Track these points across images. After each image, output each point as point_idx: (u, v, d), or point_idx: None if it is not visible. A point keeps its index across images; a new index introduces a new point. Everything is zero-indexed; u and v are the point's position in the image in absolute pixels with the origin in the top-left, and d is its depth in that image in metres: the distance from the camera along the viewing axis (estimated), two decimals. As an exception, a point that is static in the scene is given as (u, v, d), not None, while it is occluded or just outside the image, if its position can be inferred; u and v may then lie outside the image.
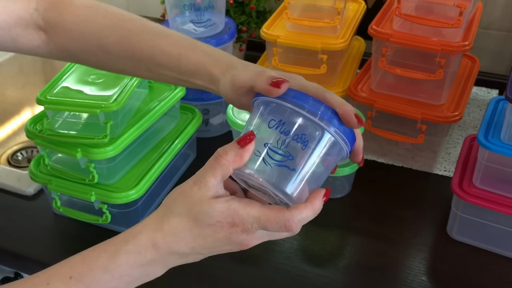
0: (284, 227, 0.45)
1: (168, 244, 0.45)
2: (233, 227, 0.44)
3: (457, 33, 0.78)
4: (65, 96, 0.68)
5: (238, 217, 0.44)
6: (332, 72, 0.89)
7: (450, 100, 0.84)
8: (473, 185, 0.71)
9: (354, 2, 1.00)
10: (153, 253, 0.45)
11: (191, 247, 0.45)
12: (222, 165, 0.44)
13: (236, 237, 0.45)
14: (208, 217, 0.44)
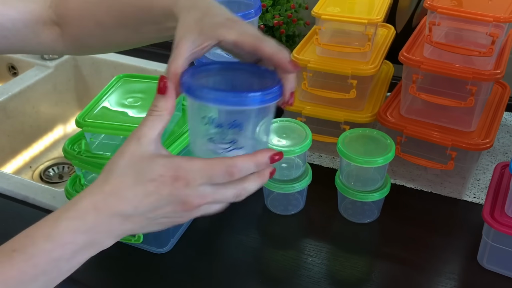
0: (227, 173, 0.45)
1: (109, 204, 0.43)
2: (177, 181, 0.43)
3: (489, 61, 0.78)
4: (103, 118, 0.70)
5: (181, 170, 0.43)
6: (361, 97, 0.90)
7: (480, 127, 0.84)
8: (505, 214, 0.70)
9: (384, 27, 1.01)
10: (94, 217, 0.43)
11: (134, 206, 0.44)
12: (157, 116, 0.46)
13: (180, 192, 0.44)
14: (150, 171, 0.43)
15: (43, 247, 0.43)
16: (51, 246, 0.43)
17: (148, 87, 0.77)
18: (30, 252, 0.43)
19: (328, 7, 0.89)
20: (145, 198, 0.44)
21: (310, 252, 0.77)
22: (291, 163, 0.82)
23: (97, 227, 0.44)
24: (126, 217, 0.44)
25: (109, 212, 0.44)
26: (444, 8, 0.77)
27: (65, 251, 0.44)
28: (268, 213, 0.84)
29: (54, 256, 0.43)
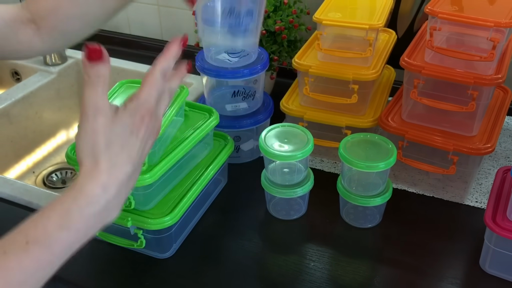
0: (164, 79, 0.54)
1: (115, 177, 0.48)
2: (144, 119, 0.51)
3: (490, 66, 0.79)
4: None
5: (141, 108, 0.51)
6: (363, 102, 0.90)
7: (482, 131, 0.84)
8: (507, 219, 0.70)
9: (385, 32, 1.02)
10: (106, 196, 0.47)
11: (132, 163, 0.49)
12: (102, 82, 0.50)
13: (152, 124, 0.51)
14: (125, 129, 0.49)
15: (58, 236, 0.45)
16: (67, 234, 0.46)
17: None
18: (46, 243, 0.45)
19: (330, 12, 0.90)
20: (136, 151, 0.50)
21: (312, 257, 0.77)
22: (293, 168, 0.82)
23: (109, 203, 0.48)
24: (129, 177, 0.49)
25: (117, 184, 0.48)
26: (445, 13, 0.77)
27: (79, 235, 0.47)
28: (270, 218, 0.85)
29: (69, 241, 0.46)
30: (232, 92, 0.93)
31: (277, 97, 0.99)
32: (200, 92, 1.16)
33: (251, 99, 0.94)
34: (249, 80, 0.92)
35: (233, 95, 0.93)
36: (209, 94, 0.96)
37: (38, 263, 0.45)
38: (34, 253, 0.44)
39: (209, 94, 0.96)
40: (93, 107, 0.48)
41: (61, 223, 0.45)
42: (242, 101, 0.93)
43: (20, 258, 0.44)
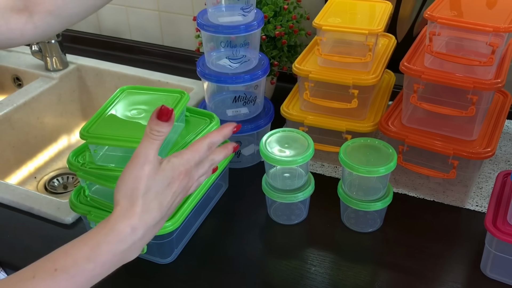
0: (209, 149, 0.60)
1: (145, 221, 0.53)
2: (181, 176, 0.56)
3: (489, 70, 0.79)
4: (107, 130, 0.71)
5: (180, 167, 0.56)
6: (363, 106, 0.91)
7: (482, 136, 0.84)
8: (507, 223, 0.70)
9: (385, 37, 1.02)
10: (133, 237, 0.52)
11: (160, 212, 0.54)
12: (159, 139, 0.55)
13: (185, 183, 0.57)
14: (163, 180, 0.55)
15: (85, 267, 0.49)
16: (93, 266, 0.50)
17: (151, 99, 0.78)
18: (72, 272, 0.49)
19: (329, 18, 0.90)
20: (167, 201, 0.55)
21: (313, 262, 0.77)
22: (294, 173, 0.82)
23: (134, 244, 0.53)
24: (156, 224, 0.55)
25: (145, 228, 0.53)
26: (444, 18, 0.78)
27: (103, 270, 0.51)
28: (271, 223, 0.85)
29: (93, 274, 0.50)
30: (233, 97, 0.93)
31: (277, 101, 1.00)
32: (201, 97, 1.16)
33: (251, 104, 0.94)
34: (249, 85, 0.92)
35: (234, 100, 0.93)
36: (210, 99, 0.97)
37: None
38: (61, 281, 0.48)
39: (210, 99, 0.97)
40: (144, 157, 0.54)
41: (90, 255, 0.50)
42: (243, 106, 0.94)
43: (47, 284, 0.48)
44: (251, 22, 0.88)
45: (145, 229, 0.53)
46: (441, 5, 0.83)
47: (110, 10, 1.39)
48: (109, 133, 0.71)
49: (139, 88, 0.81)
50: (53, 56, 1.30)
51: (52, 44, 1.29)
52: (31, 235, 0.84)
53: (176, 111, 0.75)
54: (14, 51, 1.43)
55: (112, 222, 0.52)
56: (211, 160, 0.62)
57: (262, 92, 0.96)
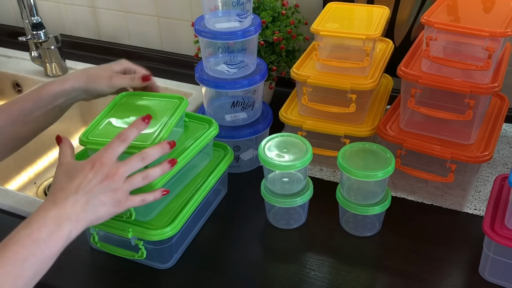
0: (119, 138, 0.64)
1: (61, 196, 0.61)
2: (95, 164, 0.62)
3: (486, 74, 0.79)
4: (106, 137, 0.72)
5: (95, 157, 0.63)
6: (361, 111, 0.91)
7: (479, 139, 0.85)
8: (505, 226, 0.71)
9: (382, 41, 1.03)
10: (54, 208, 0.59)
11: (75, 190, 0.61)
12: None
13: (99, 170, 0.62)
14: (77, 167, 0.63)
15: (24, 232, 0.58)
16: (30, 230, 0.58)
17: (150, 105, 0.79)
18: (16, 238, 0.57)
19: (327, 23, 0.91)
20: (80, 182, 0.61)
21: (312, 266, 0.77)
22: (293, 177, 0.83)
23: (59, 212, 0.59)
24: (74, 200, 0.60)
25: (63, 200, 0.60)
26: (440, 23, 0.78)
27: (41, 233, 0.58)
28: (270, 228, 0.85)
29: (33, 237, 0.57)
30: (232, 102, 0.94)
31: (276, 106, 1.00)
32: (199, 102, 1.17)
33: (250, 109, 0.95)
34: (248, 91, 0.93)
35: (233, 105, 0.94)
36: (208, 105, 0.97)
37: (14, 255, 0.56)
38: (9, 246, 0.57)
39: (209, 105, 0.97)
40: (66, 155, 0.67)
41: (26, 224, 0.59)
42: (241, 111, 0.94)
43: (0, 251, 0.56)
44: (248, 27, 0.88)
45: (63, 202, 0.60)
46: (438, 10, 0.84)
47: (110, 16, 1.40)
48: (108, 139, 0.71)
49: (139, 94, 0.82)
50: (52, 62, 1.31)
51: (51, 50, 1.29)
52: (31, 241, 0.84)
53: (174, 116, 0.75)
54: (13, 57, 1.43)
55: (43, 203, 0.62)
56: (144, 154, 0.65)
57: (261, 97, 0.96)
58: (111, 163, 0.63)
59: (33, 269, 0.57)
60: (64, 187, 0.62)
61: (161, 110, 0.77)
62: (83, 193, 0.61)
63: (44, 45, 1.28)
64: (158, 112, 0.76)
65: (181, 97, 0.79)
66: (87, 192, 0.61)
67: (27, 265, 0.56)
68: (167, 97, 0.80)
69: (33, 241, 0.57)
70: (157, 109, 0.77)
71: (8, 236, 0.58)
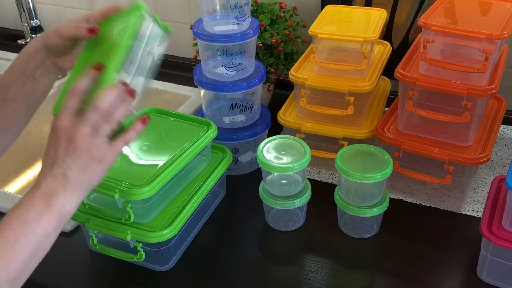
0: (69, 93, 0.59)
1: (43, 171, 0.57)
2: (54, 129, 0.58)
3: (483, 77, 0.80)
4: None
5: (54, 120, 0.58)
6: (359, 113, 0.91)
7: (477, 141, 0.85)
8: (503, 228, 0.71)
9: (380, 44, 1.03)
10: (38, 187, 0.56)
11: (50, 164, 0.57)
12: None
13: (59, 131, 0.57)
14: None
15: (13, 214, 0.55)
16: (19, 212, 0.55)
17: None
18: (5, 221, 0.55)
19: (325, 26, 0.91)
20: (52, 156, 0.58)
21: (311, 268, 0.77)
22: (291, 179, 0.83)
23: (43, 190, 0.56)
24: (52, 175, 0.57)
25: (43, 179, 0.57)
26: (437, 26, 0.79)
27: (29, 213, 0.55)
28: (269, 230, 0.85)
29: (22, 218, 0.55)
30: (230, 105, 0.94)
31: (274, 108, 1.00)
32: (198, 104, 1.17)
33: (248, 111, 0.95)
34: (246, 93, 0.93)
35: (231, 107, 0.94)
36: (207, 107, 0.98)
37: (5, 239, 0.54)
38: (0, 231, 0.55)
39: (207, 107, 0.98)
40: None
41: (14, 206, 0.57)
42: (240, 113, 0.94)
43: None
44: (247, 30, 0.89)
45: (45, 177, 0.57)
46: (435, 12, 0.84)
47: (108, 19, 1.40)
48: None
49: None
50: (51, 65, 1.31)
51: (50, 53, 1.30)
52: (30, 244, 0.84)
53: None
54: (12, 60, 1.43)
55: None
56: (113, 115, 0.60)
57: (259, 99, 0.97)
58: (68, 124, 0.57)
59: (27, 252, 0.54)
60: (42, 166, 0.59)
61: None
62: (58, 166, 0.57)
63: (43, 48, 1.29)
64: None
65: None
66: (59, 163, 0.57)
67: (19, 248, 0.54)
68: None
69: (22, 222, 0.55)
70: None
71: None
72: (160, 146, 0.79)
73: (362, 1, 1.09)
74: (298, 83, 0.91)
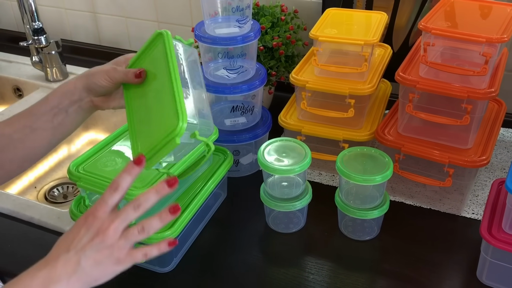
0: (110, 187, 0.56)
1: (53, 253, 0.55)
2: (87, 218, 0.56)
3: (483, 80, 0.80)
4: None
5: (86, 211, 0.56)
6: (359, 115, 0.92)
7: (477, 144, 0.85)
8: (503, 230, 0.71)
9: (381, 47, 1.04)
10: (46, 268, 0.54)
11: (66, 248, 0.55)
12: None
13: (91, 223, 0.55)
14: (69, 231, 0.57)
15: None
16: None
17: None
18: None
19: (326, 28, 0.92)
20: (72, 239, 0.56)
21: (311, 270, 0.77)
22: (292, 181, 0.83)
23: (49, 273, 0.54)
24: (65, 259, 0.54)
25: (54, 259, 0.55)
26: (438, 29, 0.79)
27: None
28: (270, 232, 0.86)
29: None
30: (231, 107, 0.94)
31: (275, 111, 1.01)
32: (199, 106, 1.17)
33: (249, 113, 0.95)
34: (247, 95, 0.94)
35: (232, 110, 0.94)
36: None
37: None
38: None
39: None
40: None
41: None
42: (241, 115, 0.95)
43: None
44: (248, 33, 0.89)
45: (55, 260, 0.54)
46: (436, 16, 0.85)
47: (110, 21, 1.41)
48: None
49: None
50: (53, 67, 1.32)
51: (52, 55, 1.30)
52: (32, 245, 0.84)
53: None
54: (14, 62, 1.44)
55: None
56: (137, 203, 0.58)
57: (260, 101, 0.97)
58: (103, 217, 0.56)
59: None
60: (58, 244, 0.56)
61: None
62: (75, 252, 0.54)
63: (45, 50, 1.29)
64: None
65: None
66: (78, 250, 0.54)
67: None
68: None
69: None
70: None
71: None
72: (162, 148, 0.79)
73: (363, 4, 1.09)
74: (299, 86, 0.92)
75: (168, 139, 0.58)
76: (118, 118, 1.36)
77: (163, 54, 0.65)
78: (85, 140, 1.38)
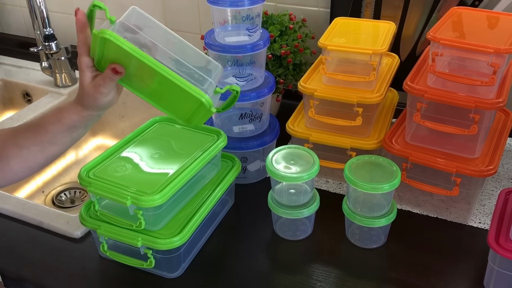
0: None
1: None
2: None
3: (491, 90, 0.81)
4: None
5: None
6: (367, 124, 0.92)
7: (484, 153, 0.86)
8: (510, 240, 0.71)
9: (388, 56, 1.04)
10: None
11: None
12: None
13: None
14: None
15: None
16: None
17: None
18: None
19: (334, 37, 0.92)
20: None
21: (319, 277, 0.78)
22: (299, 189, 0.84)
23: None
24: None
25: None
26: (446, 39, 0.80)
27: None
28: (277, 239, 0.86)
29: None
30: (239, 114, 0.95)
31: (283, 118, 1.01)
32: (207, 113, 1.18)
33: (257, 121, 0.96)
34: (256, 103, 0.94)
35: (240, 117, 0.95)
36: (216, 116, 0.99)
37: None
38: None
39: (217, 116, 0.99)
40: None
41: None
42: (249, 123, 0.96)
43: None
44: (257, 41, 0.90)
45: None
46: (444, 26, 0.86)
47: (119, 28, 1.42)
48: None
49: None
50: (62, 73, 1.33)
51: (61, 60, 1.31)
52: (41, 249, 0.85)
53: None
54: (24, 67, 1.46)
55: None
56: None
57: (268, 109, 0.98)
58: None
59: None
60: None
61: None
62: None
63: (54, 55, 1.31)
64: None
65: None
66: None
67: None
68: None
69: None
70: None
71: None
72: (171, 155, 0.80)
73: (371, 14, 1.10)
74: (307, 94, 0.92)
75: (203, 111, 0.69)
76: (126, 124, 1.37)
77: (121, 50, 0.67)
78: (93, 146, 1.39)
